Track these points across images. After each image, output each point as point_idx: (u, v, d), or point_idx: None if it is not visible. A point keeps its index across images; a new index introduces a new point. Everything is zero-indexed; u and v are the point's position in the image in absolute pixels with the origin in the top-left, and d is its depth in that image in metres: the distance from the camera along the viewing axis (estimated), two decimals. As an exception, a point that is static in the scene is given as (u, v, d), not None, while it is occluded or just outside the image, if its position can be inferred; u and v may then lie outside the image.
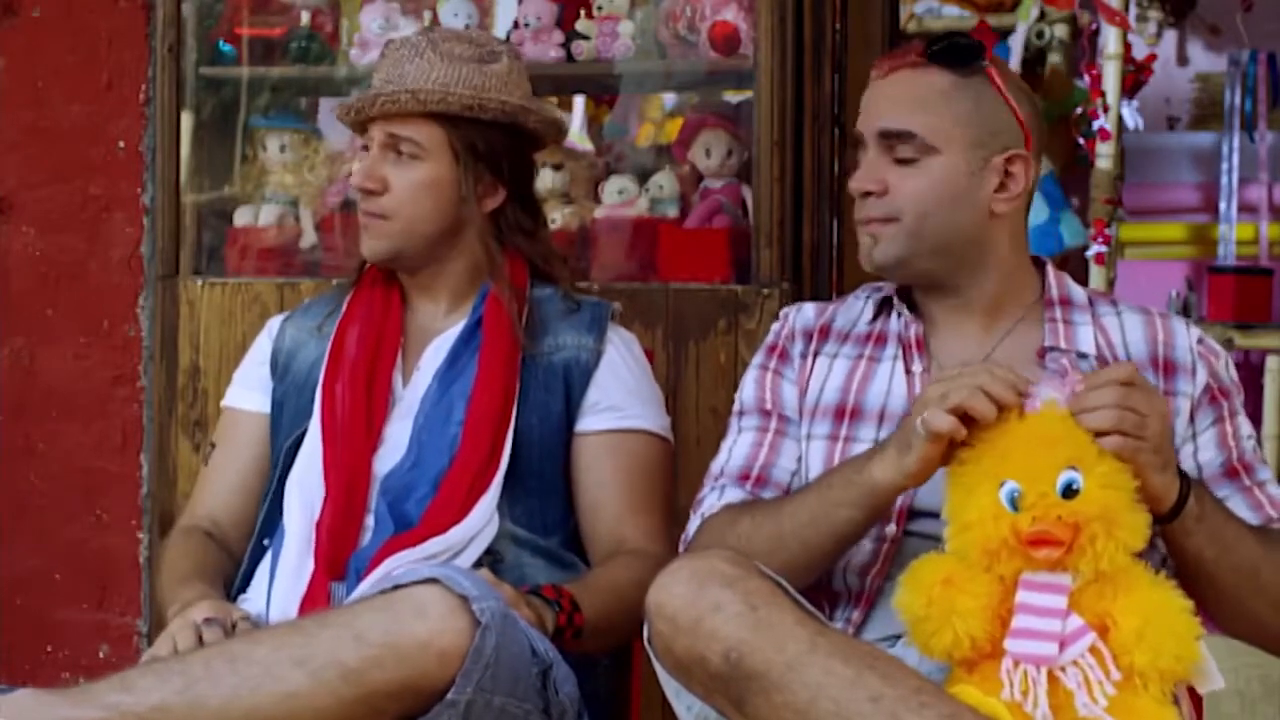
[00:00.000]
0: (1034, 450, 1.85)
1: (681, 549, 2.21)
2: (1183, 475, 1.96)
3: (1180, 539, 1.97)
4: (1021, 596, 1.83)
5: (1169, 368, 2.13)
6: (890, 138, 2.14)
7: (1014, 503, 1.83)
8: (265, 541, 2.41)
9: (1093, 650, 1.80)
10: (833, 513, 2.03)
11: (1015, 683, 1.80)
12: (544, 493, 2.39)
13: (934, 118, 2.13)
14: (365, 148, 2.47)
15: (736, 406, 2.30)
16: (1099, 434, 1.86)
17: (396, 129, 2.42)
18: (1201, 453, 2.11)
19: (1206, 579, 2.01)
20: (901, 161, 2.14)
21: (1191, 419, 2.12)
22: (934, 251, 2.14)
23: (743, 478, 2.22)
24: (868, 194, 2.15)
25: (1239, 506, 2.09)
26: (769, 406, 2.25)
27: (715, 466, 2.26)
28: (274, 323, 2.59)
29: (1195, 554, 1.98)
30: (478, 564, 2.26)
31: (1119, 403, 1.86)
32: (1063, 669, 1.80)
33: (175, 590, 2.33)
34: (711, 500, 2.22)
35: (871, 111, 2.18)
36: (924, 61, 2.15)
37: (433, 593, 1.98)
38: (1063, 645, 1.80)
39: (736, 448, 2.25)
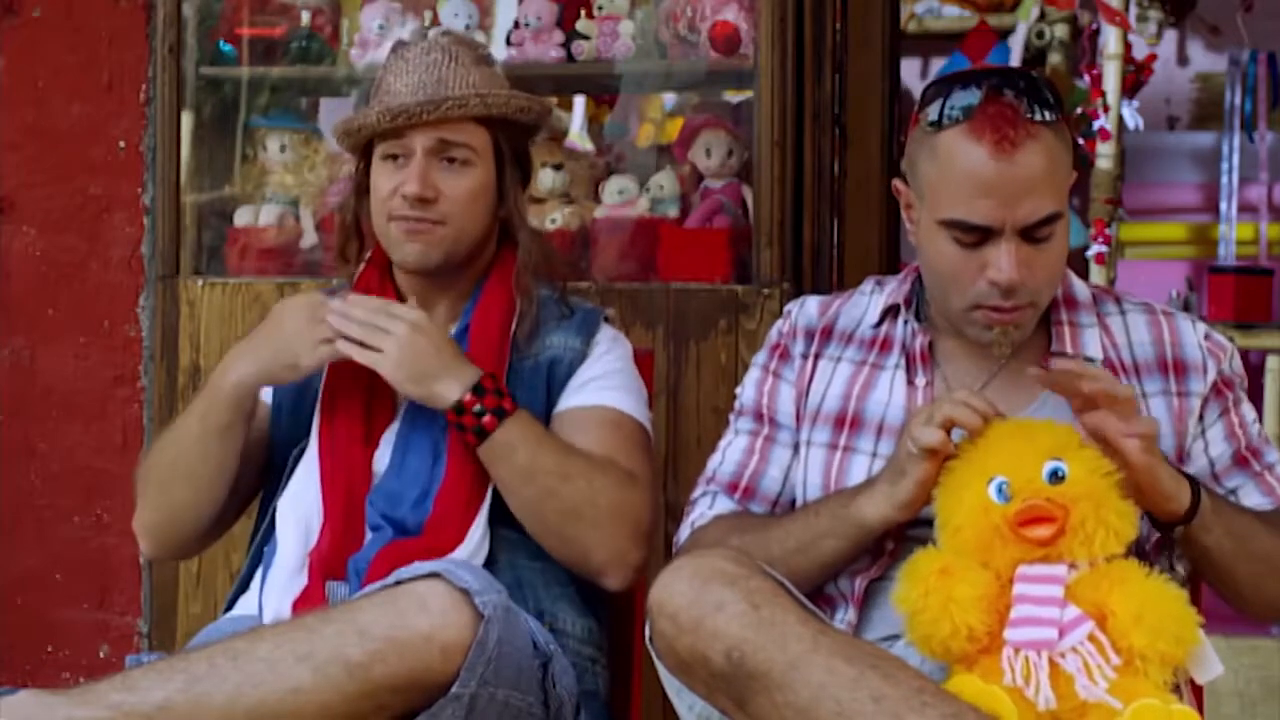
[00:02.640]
0: (1017, 445, 1.90)
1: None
2: (1185, 474, 1.97)
3: (1201, 537, 1.99)
4: (1018, 589, 1.85)
5: (1179, 368, 2.13)
6: (1038, 225, 2.02)
7: (1003, 494, 1.87)
8: (264, 548, 2.40)
9: (1091, 638, 1.82)
10: (819, 543, 2.06)
11: (1017, 669, 1.81)
12: None
13: (1060, 184, 2.04)
14: (394, 156, 2.39)
15: (737, 405, 2.30)
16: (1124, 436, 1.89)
17: (449, 134, 2.37)
18: (1212, 448, 2.13)
19: (1228, 572, 2.03)
20: (1039, 240, 2.03)
21: (1201, 415, 2.13)
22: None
23: (732, 487, 2.24)
24: (1003, 287, 2.02)
25: (1251, 493, 2.12)
26: (764, 411, 2.26)
27: (710, 466, 2.28)
28: None
29: (1216, 548, 2.00)
30: None
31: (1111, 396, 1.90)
32: (1062, 655, 1.81)
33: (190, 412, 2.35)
34: (702, 508, 2.24)
35: (1008, 202, 1.99)
36: (1030, 120, 2.00)
37: (434, 587, 1.98)
38: (1061, 633, 1.81)
39: (730, 451, 2.27)
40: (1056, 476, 1.86)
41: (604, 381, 2.40)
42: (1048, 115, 2.02)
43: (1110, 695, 1.79)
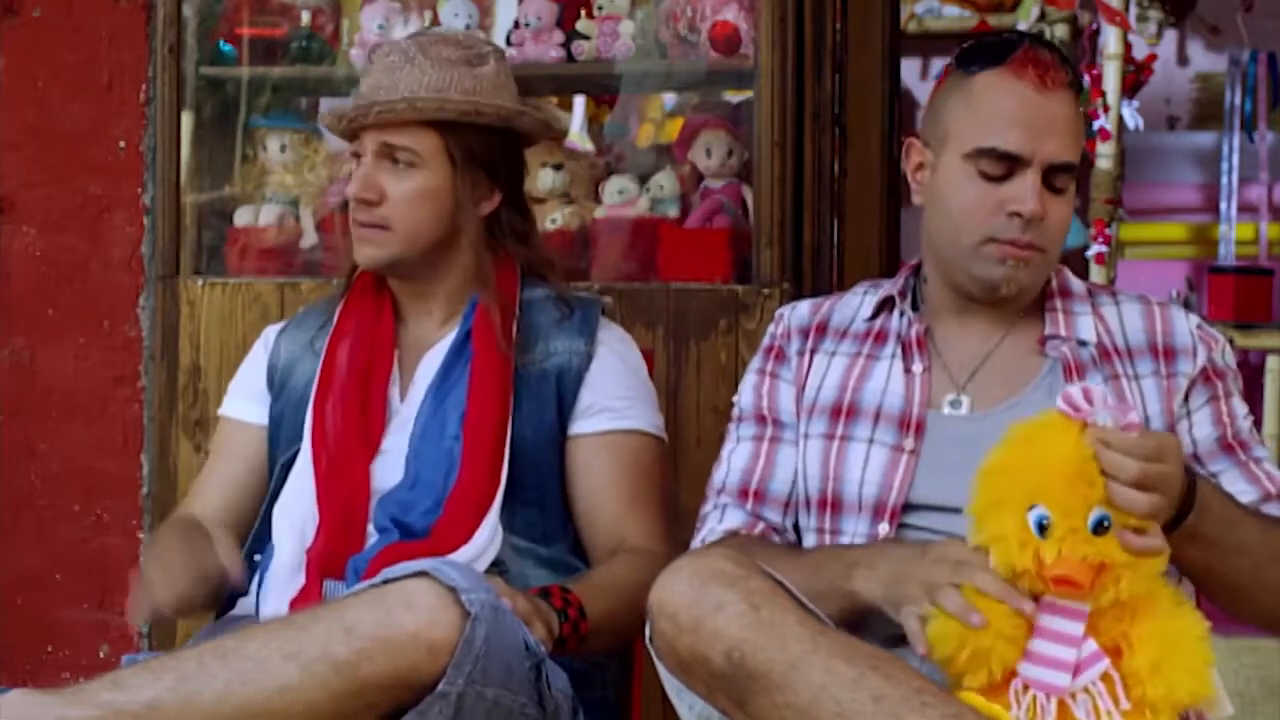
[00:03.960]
0: (1072, 480, 1.81)
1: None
2: (1189, 490, 1.93)
3: (1186, 546, 1.98)
4: (1041, 620, 1.81)
5: (1169, 352, 2.14)
6: (1059, 170, 2.09)
7: (1042, 529, 1.81)
8: (255, 557, 2.41)
9: (1104, 677, 1.80)
10: (817, 600, 1.98)
11: (1023, 707, 1.79)
12: (542, 502, 2.39)
13: (1079, 143, 2.13)
14: (357, 155, 2.44)
15: (735, 412, 2.30)
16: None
17: (391, 138, 2.40)
18: (1196, 429, 2.13)
19: (1202, 577, 2.03)
20: (1056, 190, 2.10)
21: (1187, 397, 2.13)
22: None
23: (742, 494, 2.23)
24: (1025, 217, 2.07)
25: (1236, 480, 2.11)
26: (765, 412, 2.26)
27: (716, 479, 2.27)
28: (269, 334, 2.58)
29: (1187, 560, 1.98)
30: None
31: (1147, 457, 1.83)
32: (1073, 696, 1.79)
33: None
34: (712, 523, 2.24)
35: (1040, 135, 2.08)
36: (1062, 71, 2.10)
37: (422, 585, 1.98)
38: (1076, 670, 1.79)
39: (734, 459, 2.27)
40: (1101, 527, 1.80)
41: (616, 401, 2.42)
42: (1071, 78, 2.12)
43: None
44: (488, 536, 2.29)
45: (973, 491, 1.88)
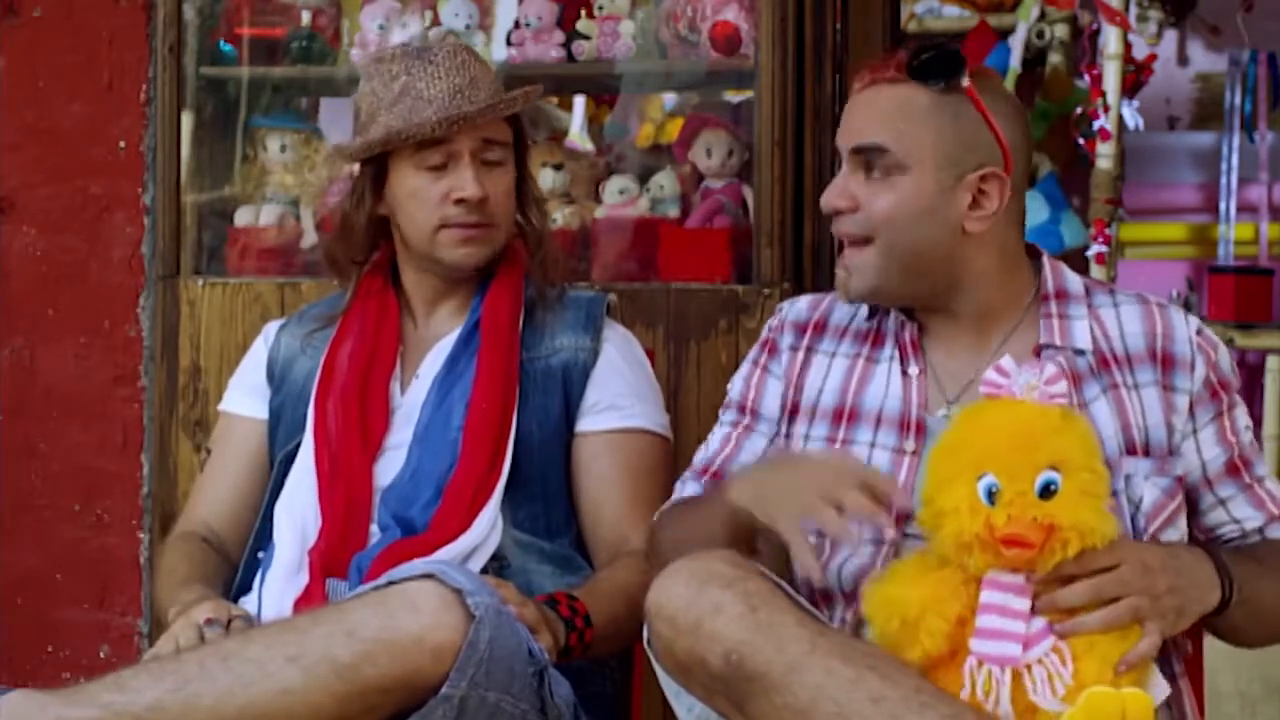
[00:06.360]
0: (1017, 446, 1.86)
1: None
2: (1223, 569, 1.98)
3: (1216, 622, 2.03)
4: (986, 596, 1.84)
5: (1167, 361, 2.13)
6: (863, 153, 2.11)
7: (991, 496, 1.84)
8: (259, 554, 2.41)
9: (1053, 649, 1.82)
10: (710, 538, 2.03)
11: (979, 682, 1.81)
12: (547, 496, 2.39)
13: (907, 134, 2.10)
14: (436, 163, 2.37)
15: (726, 398, 2.32)
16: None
17: (493, 134, 2.40)
18: (1204, 450, 2.12)
19: (1232, 634, 2.07)
20: (873, 178, 2.11)
21: (1191, 414, 2.12)
22: (905, 271, 2.12)
23: (702, 471, 2.26)
24: (838, 212, 2.13)
25: (1242, 505, 2.13)
26: (748, 404, 2.28)
27: (695, 458, 2.30)
28: (270, 329, 2.58)
29: (1229, 625, 2.04)
30: (483, 571, 2.25)
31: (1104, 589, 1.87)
32: (1027, 667, 1.81)
33: (175, 592, 2.32)
34: (675, 496, 2.27)
35: (848, 126, 2.15)
36: (903, 76, 2.11)
37: (426, 587, 1.98)
38: (1026, 645, 1.82)
39: (711, 441, 2.29)
40: (1049, 491, 1.84)
41: (622, 399, 2.43)
42: (935, 84, 2.09)
43: (1064, 702, 1.79)
44: (487, 524, 2.29)
45: (924, 476, 1.92)
